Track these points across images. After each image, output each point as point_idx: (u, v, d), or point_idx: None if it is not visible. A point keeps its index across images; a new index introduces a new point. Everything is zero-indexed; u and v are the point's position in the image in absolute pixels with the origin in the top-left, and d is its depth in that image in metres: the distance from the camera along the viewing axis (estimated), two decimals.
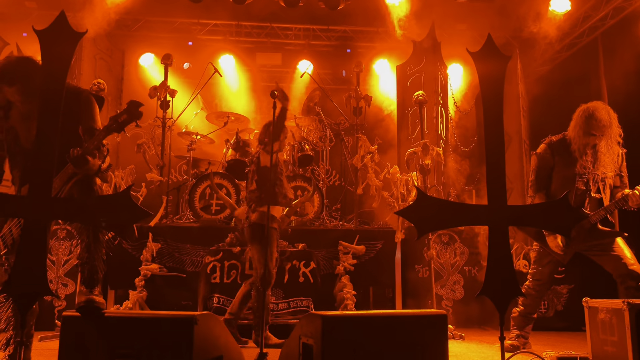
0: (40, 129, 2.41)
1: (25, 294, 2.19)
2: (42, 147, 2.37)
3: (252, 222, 4.56)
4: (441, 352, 2.78)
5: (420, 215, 2.57)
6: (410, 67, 8.20)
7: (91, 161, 2.93)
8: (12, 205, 2.45)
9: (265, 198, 4.44)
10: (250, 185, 4.72)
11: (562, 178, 4.04)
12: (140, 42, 8.88)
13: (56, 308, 5.57)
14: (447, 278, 6.01)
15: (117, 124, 2.91)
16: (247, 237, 4.66)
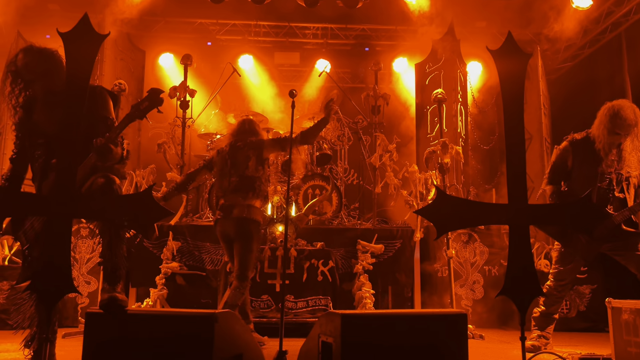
0: (64, 130, 2.45)
1: (50, 291, 2.23)
2: (66, 148, 2.41)
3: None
4: (461, 352, 2.76)
5: (440, 215, 2.55)
6: (429, 65, 8.15)
7: (114, 150, 2.98)
8: (37, 204, 2.51)
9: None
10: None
11: (584, 177, 4.00)
12: (160, 42, 8.98)
13: (79, 305, 5.67)
14: (466, 277, 5.96)
15: (139, 111, 2.97)
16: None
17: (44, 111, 3.05)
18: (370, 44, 9.25)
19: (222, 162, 4.44)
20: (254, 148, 4.40)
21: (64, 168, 2.33)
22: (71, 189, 2.30)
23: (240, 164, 4.35)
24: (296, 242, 5.67)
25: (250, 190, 4.29)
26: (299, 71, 9.56)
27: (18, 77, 3.09)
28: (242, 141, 4.45)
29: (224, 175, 4.40)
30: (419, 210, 2.81)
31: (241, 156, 4.36)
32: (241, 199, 4.26)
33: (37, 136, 3.10)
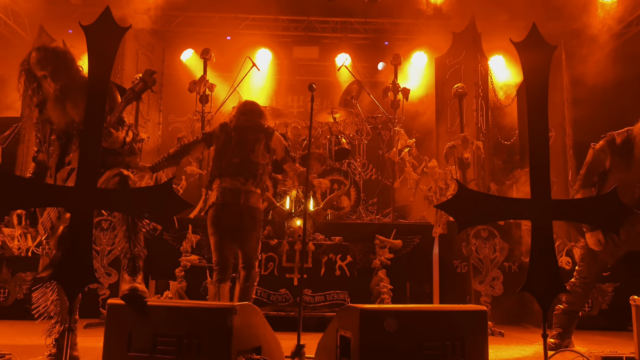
0: (87, 123, 2.48)
1: (72, 282, 2.26)
2: (88, 140, 2.44)
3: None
4: (481, 349, 2.73)
5: (461, 209, 2.52)
6: (449, 59, 8.06)
7: (115, 133, 3.03)
8: (60, 196, 2.54)
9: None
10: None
11: (620, 181, 3.62)
12: (180, 37, 9.04)
13: (100, 297, 5.75)
14: (485, 274, 5.90)
15: (134, 93, 3.04)
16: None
17: (54, 108, 3.11)
18: (390, 37, 9.19)
19: (226, 139, 4.04)
20: (265, 132, 4.09)
21: (87, 161, 2.35)
22: (93, 181, 2.33)
23: (247, 145, 4.00)
24: (314, 236, 5.67)
25: (252, 177, 3.96)
26: (318, 65, 9.54)
27: (31, 76, 3.15)
28: (252, 121, 4.11)
29: (224, 154, 4.01)
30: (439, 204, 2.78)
31: (250, 136, 4.03)
32: (240, 184, 3.91)
33: (50, 133, 3.16)
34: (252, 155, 3.98)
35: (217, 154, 4.06)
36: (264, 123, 4.16)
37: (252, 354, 2.65)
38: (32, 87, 3.16)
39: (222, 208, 3.91)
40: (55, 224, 3.10)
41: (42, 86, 3.14)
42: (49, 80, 3.08)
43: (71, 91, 3.06)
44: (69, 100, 3.06)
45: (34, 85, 3.16)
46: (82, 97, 2.91)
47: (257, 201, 4.02)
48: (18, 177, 3.06)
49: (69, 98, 3.06)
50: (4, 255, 5.94)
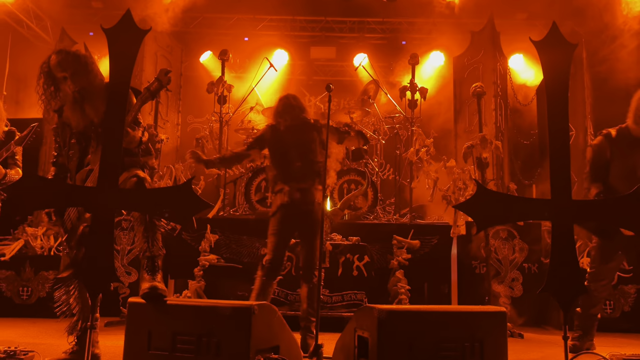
0: (107, 124, 2.52)
1: (95, 281, 2.30)
2: (109, 141, 2.48)
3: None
4: (500, 351, 2.71)
5: (480, 210, 2.50)
6: (467, 59, 8.00)
7: (131, 133, 3.08)
8: (82, 196, 2.59)
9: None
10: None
11: (625, 169, 3.83)
12: (199, 38, 9.12)
13: (120, 295, 5.83)
14: (505, 275, 5.84)
15: (150, 92, 3.08)
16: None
17: (73, 110, 3.16)
18: (407, 37, 9.15)
19: (280, 143, 4.04)
20: (316, 129, 4.03)
21: (108, 162, 2.39)
22: (115, 182, 2.37)
23: (304, 147, 3.99)
24: (331, 236, 5.68)
25: (317, 177, 3.98)
26: (335, 65, 9.55)
27: (50, 79, 3.21)
28: (298, 119, 4.05)
29: (285, 159, 4.01)
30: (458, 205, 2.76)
31: (305, 137, 4.01)
32: (308, 185, 3.94)
33: (70, 137, 3.21)
34: (312, 155, 4.00)
35: (279, 160, 4.06)
36: (310, 118, 4.12)
37: (270, 353, 2.67)
38: (49, 91, 3.22)
39: (292, 209, 3.95)
40: (75, 224, 3.15)
41: (61, 89, 3.19)
42: (69, 82, 3.13)
43: (90, 94, 3.12)
44: (87, 103, 3.11)
45: (51, 89, 3.21)
46: (101, 100, 2.97)
47: (321, 198, 4.00)
48: (41, 177, 3.13)
49: (87, 100, 3.11)
50: (27, 254, 6.05)
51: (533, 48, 2.68)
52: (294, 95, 4.25)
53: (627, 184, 3.60)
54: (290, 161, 3.99)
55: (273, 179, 4.10)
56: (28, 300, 5.88)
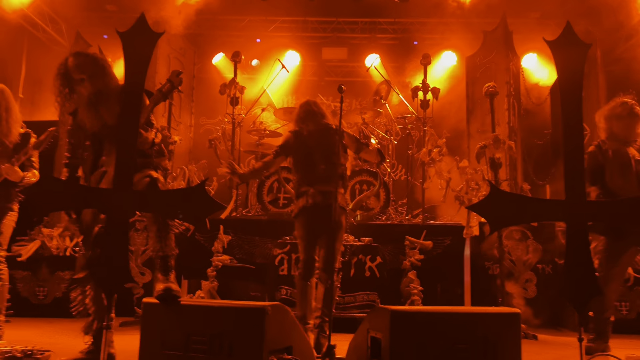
0: (122, 126, 2.55)
1: (110, 281, 2.33)
2: (124, 143, 2.51)
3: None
4: (514, 352, 2.70)
5: (494, 211, 2.50)
6: (480, 58, 7.96)
7: (144, 134, 3.11)
8: (97, 198, 2.62)
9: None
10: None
11: (618, 165, 4.05)
12: (211, 40, 9.17)
13: (135, 296, 5.87)
14: (518, 275, 5.80)
15: (162, 94, 3.10)
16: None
17: (88, 112, 3.20)
18: (419, 37, 9.11)
19: (304, 148, 4.15)
20: (337, 134, 4.07)
21: (123, 163, 2.42)
22: (129, 184, 2.40)
23: (327, 151, 4.08)
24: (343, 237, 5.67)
25: (340, 179, 4.07)
26: (347, 66, 9.55)
27: (65, 80, 3.25)
28: (319, 124, 4.17)
29: (309, 163, 4.11)
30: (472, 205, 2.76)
31: (327, 142, 4.11)
32: (332, 188, 4.00)
33: (83, 138, 3.25)
34: (335, 158, 4.07)
35: (303, 164, 4.17)
36: (331, 123, 4.22)
37: (283, 354, 2.68)
38: (64, 93, 3.26)
39: (315, 212, 4.04)
40: (90, 225, 3.19)
41: (76, 91, 3.24)
42: (86, 84, 3.18)
43: (105, 96, 3.16)
44: (103, 105, 3.15)
45: (66, 91, 3.26)
46: (116, 103, 3.00)
47: (343, 201, 4.15)
48: (58, 180, 3.16)
49: (103, 103, 3.15)
50: (43, 255, 6.13)
51: (546, 47, 2.66)
52: (315, 101, 4.35)
53: (624, 180, 3.97)
54: (315, 164, 4.09)
55: (297, 182, 4.21)
56: (44, 301, 5.95)
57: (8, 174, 3.95)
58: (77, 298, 3.25)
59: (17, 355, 3.12)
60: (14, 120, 4.11)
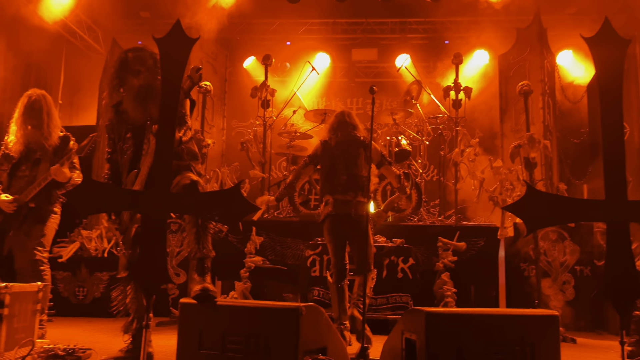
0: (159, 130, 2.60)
1: (149, 281, 2.39)
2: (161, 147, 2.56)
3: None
4: (552, 356, 2.65)
5: (530, 211, 2.45)
6: (513, 56, 7.83)
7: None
8: (135, 200, 2.68)
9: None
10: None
11: None
12: (242, 44, 9.28)
13: (170, 296, 5.99)
14: (555, 277, 5.68)
15: (183, 91, 3.14)
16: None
17: (135, 104, 3.28)
18: (450, 36, 9.02)
19: (330, 157, 4.36)
20: (363, 145, 4.31)
21: (160, 166, 2.47)
22: (167, 185, 2.45)
23: (350, 161, 4.29)
24: (375, 238, 5.65)
25: (359, 190, 4.26)
26: (377, 67, 9.52)
27: (119, 72, 3.36)
28: (348, 136, 4.35)
29: (332, 172, 4.34)
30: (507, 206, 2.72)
31: (352, 152, 4.31)
32: (350, 197, 4.23)
33: (125, 131, 3.33)
34: (357, 170, 4.28)
35: (327, 173, 4.38)
36: (360, 135, 4.40)
37: (318, 355, 2.69)
38: (113, 84, 3.37)
39: (336, 219, 4.27)
40: (129, 225, 3.27)
41: (127, 83, 3.33)
42: (141, 77, 3.28)
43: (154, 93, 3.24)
44: (151, 100, 3.23)
45: (115, 82, 3.37)
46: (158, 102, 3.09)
47: (364, 210, 4.24)
48: (98, 182, 3.25)
49: (151, 97, 3.23)
50: (82, 256, 6.31)
51: (582, 44, 2.61)
52: (349, 112, 4.56)
53: None
54: (337, 174, 4.30)
55: (321, 190, 4.46)
56: (84, 300, 6.12)
57: (56, 175, 4.07)
58: (118, 298, 3.34)
59: (60, 353, 3.22)
60: (54, 124, 4.26)
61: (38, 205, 4.14)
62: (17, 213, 4.11)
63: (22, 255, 4.13)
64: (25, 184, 4.13)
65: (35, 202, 4.13)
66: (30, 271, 4.06)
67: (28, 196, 4.10)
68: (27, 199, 4.10)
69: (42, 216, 4.16)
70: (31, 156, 4.18)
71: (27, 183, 4.13)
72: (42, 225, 4.15)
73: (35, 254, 4.08)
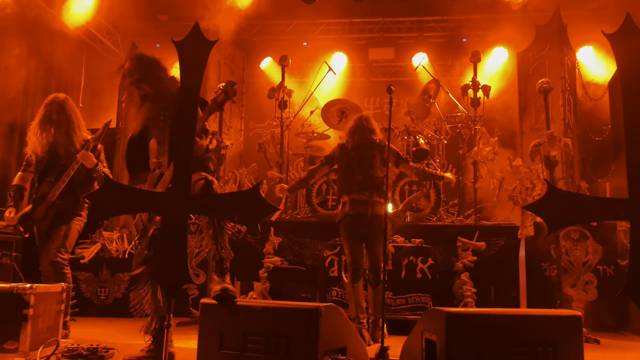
0: (177, 132, 2.63)
1: (170, 282, 2.41)
2: (180, 148, 2.58)
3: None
4: (576, 356, 2.61)
5: (551, 211, 2.42)
6: (532, 54, 7.73)
7: (199, 141, 3.19)
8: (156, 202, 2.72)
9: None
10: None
11: None
12: (258, 45, 9.32)
13: (190, 296, 6.04)
14: (577, 277, 5.60)
15: (217, 104, 3.19)
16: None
17: (142, 110, 3.36)
18: (468, 34, 8.94)
19: (346, 159, 4.53)
20: (378, 147, 4.48)
21: (180, 168, 2.49)
22: (187, 189, 2.47)
23: (366, 163, 4.45)
24: (393, 238, 5.64)
25: (375, 190, 4.41)
26: (394, 66, 9.49)
27: (124, 82, 3.47)
28: (365, 139, 4.52)
29: (348, 173, 4.50)
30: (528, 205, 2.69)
31: (367, 155, 4.47)
32: (366, 197, 4.39)
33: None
34: (372, 171, 4.44)
35: (343, 174, 4.57)
36: (376, 138, 4.56)
37: (337, 355, 2.69)
38: (129, 89, 3.49)
39: (354, 218, 4.43)
40: (147, 225, 3.31)
41: (140, 88, 3.41)
42: (148, 89, 3.38)
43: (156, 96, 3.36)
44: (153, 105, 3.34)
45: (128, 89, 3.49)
46: None
47: (382, 209, 4.43)
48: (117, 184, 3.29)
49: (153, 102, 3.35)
50: (104, 257, 6.40)
51: (604, 39, 2.57)
52: (367, 116, 4.72)
53: None
54: (353, 175, 4.47)
55: (339, 191, 4.66)
56: (106, 301, 6.21)
57: (84, 160, 4.13)
58: (136, 298, 3.38)
59: (84, 352, 3.28)
60: (79, 129, 4.34)
61: (64, 208, 4.20)
62: (45, 215, 4.18)
63: (45, 257, 4.20)
64: (50, 191, 4.19)
65: (62, 204, 4.19)
66: (52, 273, 4.12)
67: (55, 194, 4.17)
68: (55, 197, 4.16)
69: (67, 218, 4.22)
70: (57, 162, 4.23)
71: (54, 190, 4.20)
72: (66, 227, 4.21)
73: (57, 255, 4.14)
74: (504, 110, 8.15)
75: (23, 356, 3.06)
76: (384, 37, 9.27)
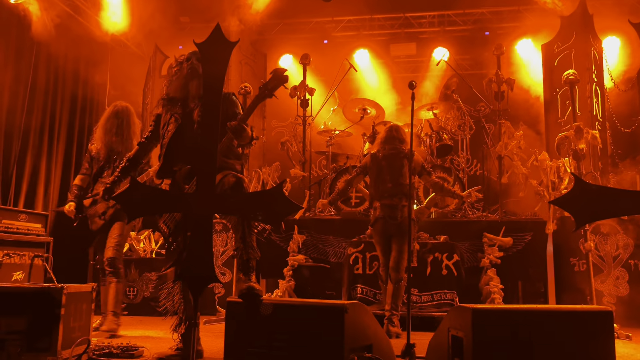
0: (203, 133, 2.66)
1: (197, 280, 2.44)
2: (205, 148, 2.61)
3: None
4: (607, 353, 2.56)
5: (579, 204, 2.37)
6: (557, 45, 7.57)
7: (247, 129, 3.20)
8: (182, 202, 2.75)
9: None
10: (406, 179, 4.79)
11: None
12: (280, 44, 9.34)
13: (216, 295, 6.11)
14: (608, 272, 5.48)
15: (268, 90, 3.18)
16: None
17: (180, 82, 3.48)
18: (491, 27, 8.82)
19: (377, 168, 4.89)
20: (407, 157, 4.73)
21: (205, 167, 2.52)
22: (212, 189, 2.49)
23: (395, 171, 4.81)
24: (418, 235, 5.60)
25: (404, 196, 4.74)
26: (416, 62, 9.41)
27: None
28: (395, 149, 4.87)
29: (380, 180, 4.86)
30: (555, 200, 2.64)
31: (396, 164, 4.83)
32: (396, 202, 4.76)
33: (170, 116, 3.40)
34: (402, 179, 4.80)
35: (375, 181, 4.93)
36: (405, 148, 4.89)
37: (363, 352, 2.69)
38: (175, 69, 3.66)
39: (385, 221, 4.81)
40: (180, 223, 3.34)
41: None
42: (193, 59, 3.51)
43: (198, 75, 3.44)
44: (195, 80, 3.45)
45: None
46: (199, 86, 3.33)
47: (410, 213, 4.53)
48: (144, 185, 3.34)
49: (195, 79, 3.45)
50: (132, 257, 6.51)
51: (631, 29, 2.50)
52: (398, 127, 5.07)
53: None
54: (384, 182, 4.84)
55: (371, 197, 5.03)
56: (134, 300, 6.32)
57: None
58: (166, 297, 3.42)
59: (114, 351, 3.34)
60: (134, 134, 4.65)
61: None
62: (102, 213, 4.46)
63: (101, 254, 4.47)
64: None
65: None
66: (107, 267, 4.36)
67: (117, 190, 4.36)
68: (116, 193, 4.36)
69: (122, 215, 4.43)
70: (112, 163, 4.50)
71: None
72: (122, 224, 4.44)
73: (113, 251, 4.37)
74: (528, 103, 8.03)
75: (55, 355, 3.13)
76: (405, 32, 9.20)
